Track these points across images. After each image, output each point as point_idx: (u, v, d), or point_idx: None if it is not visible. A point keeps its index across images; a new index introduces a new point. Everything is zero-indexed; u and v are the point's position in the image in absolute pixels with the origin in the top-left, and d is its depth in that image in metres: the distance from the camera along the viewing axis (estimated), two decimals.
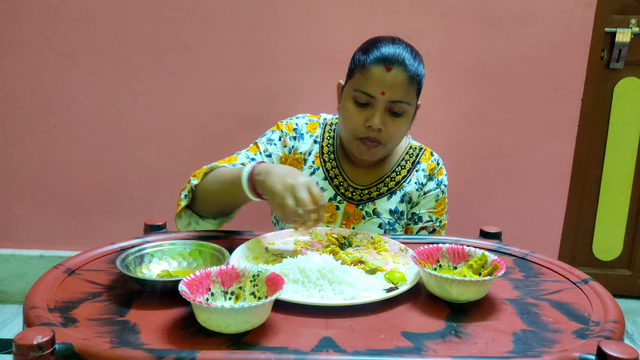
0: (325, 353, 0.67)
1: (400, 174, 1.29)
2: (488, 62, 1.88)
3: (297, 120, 1.32)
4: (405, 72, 1.13)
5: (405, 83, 1.13)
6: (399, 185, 1.28)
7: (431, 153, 1.33)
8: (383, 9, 1.84)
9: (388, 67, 1.12)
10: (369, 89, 1.14)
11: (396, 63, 1.12)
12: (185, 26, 1.87)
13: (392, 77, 1.12)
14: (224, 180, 1.09)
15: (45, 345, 0.62)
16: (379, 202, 1.27)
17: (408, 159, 1.30)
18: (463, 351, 0.69)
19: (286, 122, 1.31)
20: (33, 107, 1.95)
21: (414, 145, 1.33)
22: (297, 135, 1.29)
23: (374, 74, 1.13)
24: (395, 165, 1.29)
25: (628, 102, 2.07)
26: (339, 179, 1.28)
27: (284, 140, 1.28)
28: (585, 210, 2.18)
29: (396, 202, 1.28)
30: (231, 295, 0.78)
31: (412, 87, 1.15)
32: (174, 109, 1.94)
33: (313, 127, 1.31)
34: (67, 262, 0.91)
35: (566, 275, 0.95)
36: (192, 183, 1.14)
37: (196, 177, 1.14)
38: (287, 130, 1.29)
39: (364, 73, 1.15)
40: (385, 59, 1.13)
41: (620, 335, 0.74)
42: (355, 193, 1.27)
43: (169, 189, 1.93)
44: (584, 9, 1.81)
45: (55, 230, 2.08)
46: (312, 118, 1.33)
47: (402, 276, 0.89)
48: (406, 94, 1.14)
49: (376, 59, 1.13)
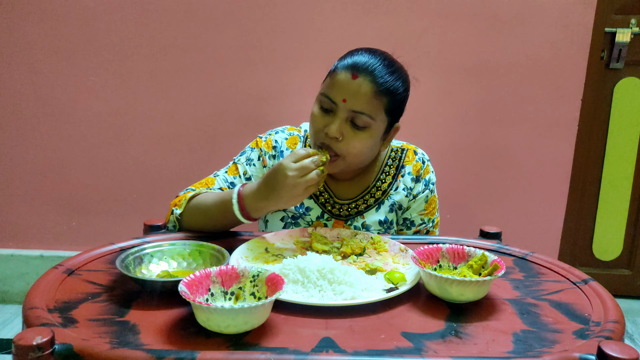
0: (325, 353, 0.67)
1: (385, 182, 1.24)
2: (488, 62, 1.88)
3: (276, 136, 1.25)
4: (371, 82, 1.07)
5: (369, 94, 1.07)
6: (386, 194, 1.24)
7: (414, 152, 1.27)
8: (383, 10, 1.84)
9: (354, 75, 1.08)
10: (331, 93, 1.10)
11: (364, 72, 1.07)
12: (185, 26, 1.87)
13: (356, 85, 1.07)
14: (210, 208, 1.08)
15: (45, 345, 0.62)
16: (367, 215, 1.24)
17: (391, 164, 1.26)
18: (463, 351, 0.69)
19: (265, 139, 1.25)
20: (33, 107, 1.95)
21: (395, 148, 1.27)
22: (276, 153, 1.24)
23: (339, 79, 1.09)
24: (379, 173, 1.25)
25: (628, 102, 2.07)
26: (325, 195, 1.24)
27: (263, 160, 1.23)
28: (585, 210, 2.18)
29: (385, 212, 1.24)
30: (231, 296, 0.78)
31: (379, 100, 1.08)
32: (174, 109, 1.94)
33: (293, 142, 1.26)
34: (67, 262, 0.91)
35: (566, 275, 0.95)
36: (176, 213, 1.11)
37: (178, 206, 1.11)
38: (266, 148, 1.24)
39: (331, 77, 1.11)
40: (354, 66, 1.09)
41: (621, 335, 0.74)
42: (342, 209, 1.23)
43: (169, 189, 1.93)
44: (584, 9, 1.81)
45: (55, 230, 2.08)
46: (292, 132, 1.27)
47: (402, 276, 0.89)
48: (369, 106, 1.08)
49: (345, 66, 1.10)
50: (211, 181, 1.20)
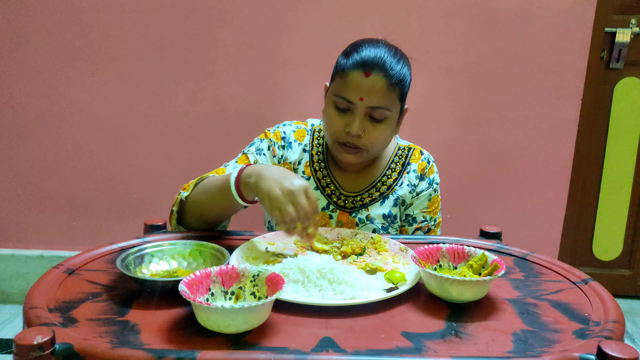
0: (325, 353, 0.67)
1: (391, 177, 1.27)
2: (488, 62, 1.88)
3: (284, 128, 1.28)
4: (384, 77, 1.10)
5: (384, 89, 1.10)
6: (391, 189, 1.26)
7: (421, 152, 1.30)
8: (383, 9, 1.84)
9: (367, 73, 1.09)
10: (347, 94, 1.11)
11: (375, 68, 1.09)
12: (185, 26, 1.87)
13: (370, 82, 1.09)
14: (212, 188, 1.07)
15: (45, 345, 0.62)
16: (372, 208, 1.26)
17: (397, 161, 1.28)
18: (463, 351, 0.69)
19: (273, 131, 1.27)
20: (33, 107, 1.95)
21: (402, 146, 1.30)
22: (285, 144, 1.27)
23: (353, 79, 1.10)
24: (385, 169, 1.27)
25: (628, 102, 2.07)
26: (331, 187, 1.26)
27: (273, 150, 1.25)
28: (585, 210, 2.18)
29: (389, 207, 1.26)
30: (231, 296, 0.78)
31: (393, 92, 1.12)
32: (174, 109, 1.94)
33: (301, 135, 1.29)
34: (67, 262, 0.91)
35: (566, 275, 0.95)
36: (182, 195, 1.11)
37: (186, 190, 1.12)
38: (275, 139, 1.26)
39: (343, 78, 1.12)
40: (364, 63, 1.10)
41: (621, 335, 0.74)
42: (347, 201, 1.26)
43: (169, 189, 1.93)
44: (584, 9, 1.81)
45: (55, 230, 2.08)
46: (300, 125, 1.30)
47: (402, 276, 0.89)
48: (386, 99, 1.11)
49: (355, 64, 1.10)
50: (222, 171, 1.21)
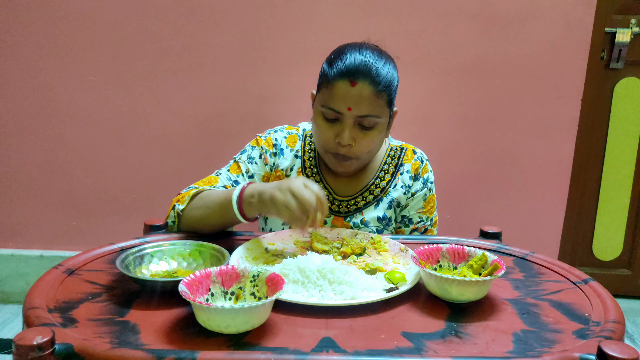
0: (325, 353, 0.67)
1: (384, 179, 1.25)
2: (488, 62, 1.88)
3: (276, 134, 1.27)
4: (371, 84, 1.07)
5: (372, 96, 1.08)
6: (385, 192, 1.25)
7: (413, 151, 1.28)
8: (383, 9, 1.84)
9: (352, 82, 1.07)
10: (335, 105, 1.09)
11: (361, 76, 1.07)
12: (185, 26, 1.87)
13: (357, 91, 1.07)
14: (211, 204, 1.06)
15: (45, 345, 0.62)
16: (366, 211, 1.24)
17: (390, 162, 1.26)
18: (463, 351, 0.69)
19: (265, 137, 1.26)
20: (33, 107, 1.95)
21: (394, 147, 1.28)
22: (277, 151, 1.25)
23: (339, 89, 1.08)
24: (378, 171, 1.26)
25: (628, 102, 2.07)
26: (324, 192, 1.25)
27: (265, 158, 1.24)
28: (585, 210, 2.18)
29: (384, 209, 1.25)
30: (231, 296, 0.78)
31: (381, 98, 1.10)
32: (174, 109, 1.94)
33: (292, 141, 1.27)
34: (67, 262, 0.91)
35: (566, 275, 0.95)
36: (178, 208, 1.09)
37: (181, 202, 1.10)
38: (267, 146, 1.24)
39: (329, 88, 1.10)
40: (349, 72, 1.07)
41: (621, 335, 0.74)
42: (341, 205, 1.24)
43: (169, 189, 1.92)
44: (584, 9, 1.81)
45: (55, 230, 2.08)
46: (291, 130, 1.28)
47: (402, 276, 0.89)
48: (374, 107, 1.09)
49: (340, 73, 1.08)
50: (214, 179, 1.19)
